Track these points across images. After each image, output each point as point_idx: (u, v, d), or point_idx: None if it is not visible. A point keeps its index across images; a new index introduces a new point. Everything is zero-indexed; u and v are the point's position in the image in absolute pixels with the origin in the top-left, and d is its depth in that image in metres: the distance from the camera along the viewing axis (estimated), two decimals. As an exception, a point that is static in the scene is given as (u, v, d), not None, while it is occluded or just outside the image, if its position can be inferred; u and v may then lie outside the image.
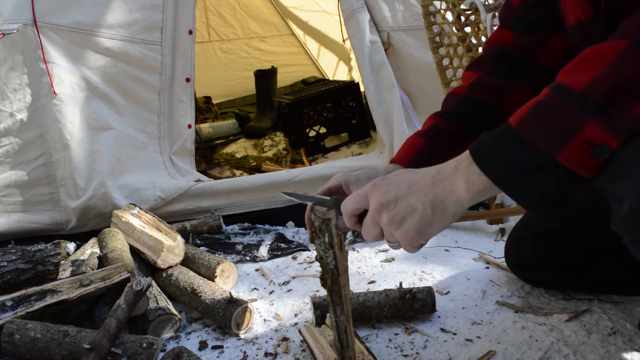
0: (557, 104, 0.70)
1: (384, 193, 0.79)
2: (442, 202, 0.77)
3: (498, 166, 0.73)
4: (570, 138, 0.68)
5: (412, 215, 0.77)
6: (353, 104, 2.92)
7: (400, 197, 0.78)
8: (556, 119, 0.69)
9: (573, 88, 0.69)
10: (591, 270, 1.28)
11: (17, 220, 1.91)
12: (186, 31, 2.17)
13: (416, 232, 0.78)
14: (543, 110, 0.71)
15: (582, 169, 0.69)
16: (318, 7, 4.08)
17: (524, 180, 0.71)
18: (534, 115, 0.72)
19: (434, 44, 1.98)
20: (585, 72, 0.69)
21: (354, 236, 1.88)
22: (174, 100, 2.18)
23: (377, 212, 0.79)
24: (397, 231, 0.78)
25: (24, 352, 1.16)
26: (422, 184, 0.78)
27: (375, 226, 0.81)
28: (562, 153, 0.68)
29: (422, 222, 0.77)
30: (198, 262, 1.57)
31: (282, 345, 1.26)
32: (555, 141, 0.69)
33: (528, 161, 0.70)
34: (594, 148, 0.67)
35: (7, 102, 1.92)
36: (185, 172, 2.16)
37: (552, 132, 0.69)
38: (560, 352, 1.13)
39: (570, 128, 0.68)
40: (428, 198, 0.77)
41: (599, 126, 0.67)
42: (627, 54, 0.67)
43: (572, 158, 0.68)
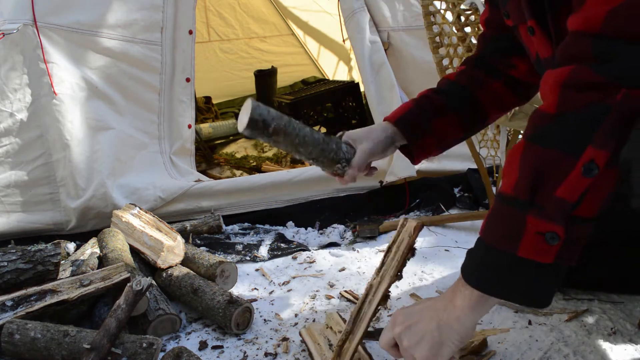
0: (501, 210, 0.82)
1: (402, 321, 0.91)
2: (446, 323, 0.87)
3: (480, 275, 0.83)
4: (521, 235, 0.78)
5: (423, 341, 0.87)
6: (353, 104, 2.92)
7: (411, 325, 0.90)
8: (504, 222, 0.81)
9: (506, 193, 0.81)
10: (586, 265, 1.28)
11: (17, 220, 1.91)
12: (186, 31, 2.17)
13: (429, 352, 0.87)
14: (494, 217, 0.84)
15: (542, 257, 0.78)
16: (318, 7, 4.08)
17: (503, 281, 0.81)
18: (490, 223, 0.84)
19: (434, 44, 1.98)
20: (510, 176, 0.81)
21: (354, 236, 1.88)
22: (174, 100, 2.18)
23: (399, 339, 0.91)
24: (416, 353, 0.88)
25: (24, 352, 1.16)
26: (430, 312, 0.89)
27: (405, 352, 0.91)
28: (520, 249, 0.78)
29: (432, 342, 0.87)
30: (198, 262, 1.57)
31: (282, 345, 1.26)
32: (511, 240, 0.79)
33: (498, 263, 0.81)
34: (545, 236, 0.77)
35: (7, 102, 1.92)
36: (185, 172, 2.16)
37: (507, 234, 0.80)
38: (560, 352, 1.13)
39: (517, 227, 0.79)
40: (434, 322, 0.87)
41: (537, 218, 0.77)
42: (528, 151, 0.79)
43: (531, 250, 0.78)
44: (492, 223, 0.84)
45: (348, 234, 1.91)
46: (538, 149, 0.78)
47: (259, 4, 4.29)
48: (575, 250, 0.79)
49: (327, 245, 1.85)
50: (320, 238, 1.89)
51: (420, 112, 1.22)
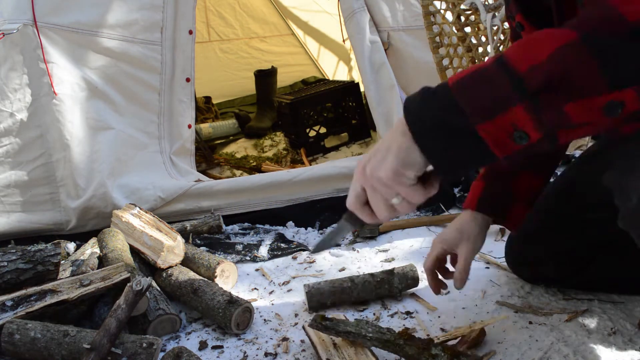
0: (495, 77, 0.69)
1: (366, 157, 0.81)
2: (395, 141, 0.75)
3: (420, 117, 0.73)
4: (497, 114, 0.68)
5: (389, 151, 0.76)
6: (353, 104, 2.92)
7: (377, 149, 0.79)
8: (489, 91, 0.69)
9: (514, 67, 0.68)
10: (590, 265, 1.28)
11: (17, 220, 1.91)
12: (186, 31, 2.17)
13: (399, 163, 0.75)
14: (481, 77, 0.71)
15: (497, 147, 0.69)
16: (318, 7, 4.08)
17: (438, 138, 0.71)
18: (471, 80, 0.71)
19: (434, 44, 1.98)
20: (530, 54, 0.68)
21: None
22: (174, 100, 2.18)
23: (363, 173, 0.80)
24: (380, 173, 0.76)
25: (24, 352, 1.16)
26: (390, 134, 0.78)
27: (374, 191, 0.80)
28: (484, 125, 0.68)
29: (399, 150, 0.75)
30: (198, 262, 1.57)
31: (282, 345, 1.26)
32: (482, 111, 0.69)
33: (449, 122, 0.70)
34: (515, 132, 0.68)
35: (7, 102, 1.92)
36: (185, 172, 2.16)
37: (481, 102, 0.69)
38: (560, 352, 1.13)
39: (500, 105, 0.68)
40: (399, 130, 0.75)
41: (526, 113, 0.67)
42: (572, 46, 0.65)
43: (492, 133, 0.69)
44: (474, 80, 0.71)
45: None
46: (584, 51, 0.64)
47: (259, 4, 4.28)
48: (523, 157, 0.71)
49: (327, 245, 1.84)
50: (320, 238, 1.89)
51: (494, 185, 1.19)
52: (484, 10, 1.81)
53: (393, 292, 1.41)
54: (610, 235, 1.23)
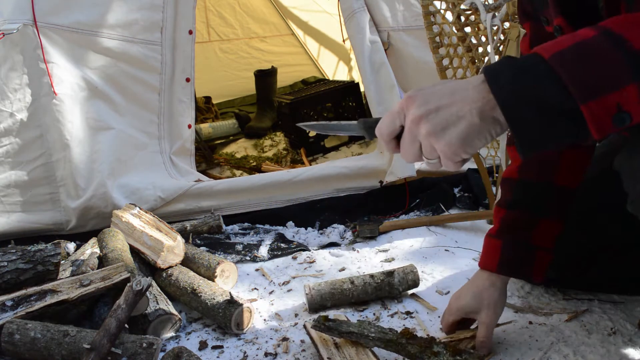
0: (605, 52, 0.63)
1: (422, 103, 0.71)
2: (492, 110, 0.68)
3: (511, 91, 0.66)
4: (605, 92, 0.62)
5: (457, 124, 0.69)
6: (353, 104, 2.92)
7: (442, 106, 0.70)
8: (599, 67, 0.62)
9: (630, 43, 0.62)
10: (591, 267, 1.28)
11: (17, 220, 1.91)
12: (186, 31, 2.17)
13: (461, 142, 0.69)
14: (587, 52, 0.64)
15: (597, 129, 0.64)
16: (318, 7, 4.08)
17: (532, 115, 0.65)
18: (575, 54, 0.64)
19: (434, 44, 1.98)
20: None
21: (354, 236, 1.88)
22: (174, 100, 2.18)
23: (415, 124, 0.71)
24: (438, 142, 0.70)
25: (24, 352, 1.16)
26: (468, 92, 0.69)
27: (414, 142, 0.73)
28: (589, 104, 0.62)
29: (469, 130, 0.69)
30: (198, 262, 1.57)
31: (282, 345, 1.26)
32: (590, 90, 0.62)
33: (548, 99, 0.64)
34: (617, 114, 0.62)
35: (7, 102, 1.91)
36: (185, 172, 2.16)
37: (590, 80, 0.62)
38: (560, 352, 1.13)
39: (611, 82, 0.62)
40: (476, 105, 0.68)
41: (638, 93, 0.61)
42: None
43: (596, 114, 0.63)
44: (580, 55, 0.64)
45: (348, 234, 1.91)
46: None
47: (259, 4, 4.28)
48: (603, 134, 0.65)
49: (327, 245, 1.85)
50: (320, 238, 1.89)
51: (514, 243, 1.11)
52: (484, 10, 1.81)
53: (393, 294, 1.41)
54: (610, 236, 1.23)
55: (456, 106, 0.69)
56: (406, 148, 0.74)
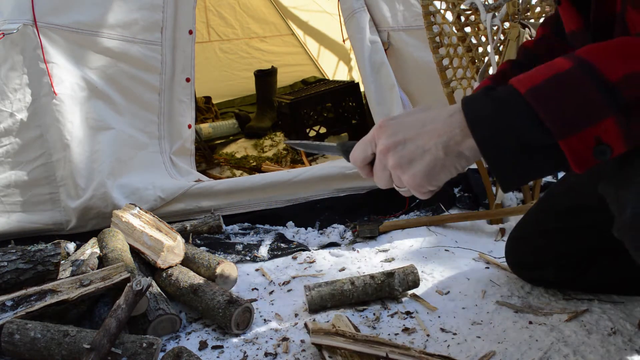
0: (581, 86, 0.62)
1: (392, 134, 0.72)
2: (458, 145, 0.68)
3: (489, 131, 0.66)
4: (583, 127, 0.61)
5: (422, 158, 0.70)
6: (353, 104, 2.92)
7: (409, 139, 0.71)
8: (576, 101, 0.62)
9: (605, 76, 0.61)
10: (591, 268, 1.28)
11: (17, 220, 1.91)
12: (186, 31, 2.17)
13: (425, 176, 0.70)
14: (563, 87, 0.63)
15: (577, 163, 0.64)
16: (318, 7, 4.08)
17: (509, 151, 0.65)
18: (551, 89, 0.64)
19: (434, 44, 1.98)
20: (622, 63, 0.61)
21: (354, 236, 1.88)
22: (174, 100, 2.18)
23: (384, 155, 0.73)
24: (403, 175, 0.72)
25: (24, 352, 1.16)
26: (437, 125, 0.70)
27: (384, 170, 0.75)
28: (568, 140, 0.62)
29: (433, 164, 0.70)
30: (198, 262, 1.57)
31: (282, 345, 1.26)
32: (567, 126, 0.62)
33: (527, 137, 0.64)
34: (597, 146, 0.62)
35: (7, 102, 1.91)
36: (185, 172, 2.16)
37: (566, 115, 0.62)
38: (560, 352, 1.13)
39: (588, 117, 0.61)
40: (442, 139, 0.69)
41: (617, 126, 0.61)
42: None
43: (574, 148, 0.63)
44: (555, 90, 0.63)
45: (348, 234, 1.91)
46: None
47: (259, 4, 4.28)
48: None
49: (327, 245, 1.85)
50: (320, 238, 1.89)
51: None
52: (484, 10, 1.81)
53: (393, 295, 1.41)
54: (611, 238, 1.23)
55: (422, 139, 0.70)
56: (378, 175, 0.77)
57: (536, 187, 2.00)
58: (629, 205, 0.68)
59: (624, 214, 0.70)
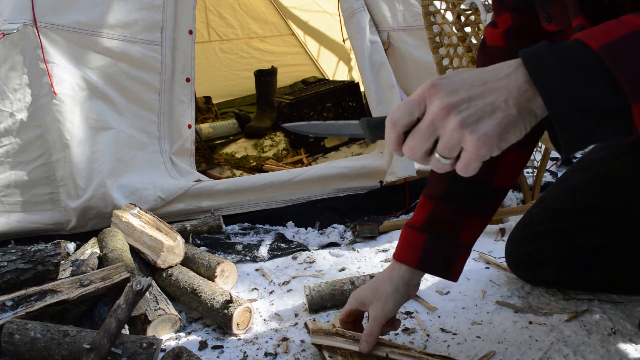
0: None
1: (451, 92, 0.63)
2: (529, 101, 0.62)
3: (556, 89, 0.60)
4: None
5: (493, 116, 0.62)
6: (353, 104, 2.92)
7: (475, 96, 0.63)
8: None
9: None
10: (592, 270, 1.28)
11: (17, 220, 1.91)
12: (186, 31, 2.17)
13: (497, 135, 0.62)
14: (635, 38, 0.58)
15: None
16: (318, 7, 4.08)
17: (580, 113, 0.60)
18: (628, 47, 0.58)
19: (434, 44, 1.98)
20: None
21: (354, 236, 1.88)
22: (174, 100, 2.18)
23: (442, 116, 0.63)
24: (472, 135, 0.62)
25: (24, 352, 1.16)
26: (502, 80, 0.63)
27: (431, 136, 0.65)
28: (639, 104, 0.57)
29: (505, 123, 0.62)
30: (198, 262, 1.57)
31: (282, 345, 1.26)
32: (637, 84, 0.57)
33: (598, 97, 0.59)
34: None
35: (7, 102, 1.92)
36: (185, 172, 2.16)
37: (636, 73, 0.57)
38: (560, 352, 1.13)
39: None
40: (512, 95, 0.62)
41: None
42: None
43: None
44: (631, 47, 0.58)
45: (348, 234, 1.91)
46: None
47: (259, 4, 4.29)
48: None
49: (327, 245, 1.85)
50: (320, 238, 1.89)
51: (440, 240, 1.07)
52: (484, 10, 1.81)
53: None
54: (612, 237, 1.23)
55: (491, 96, 0.62)
56: (418, 143, 0.65)
57: (536, 187, 2.00)
58: None
59: None
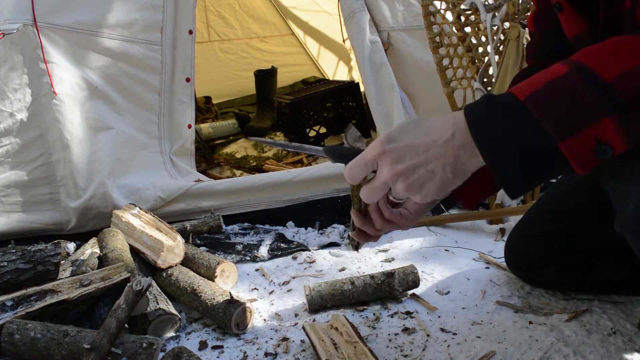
0: (577, 88, 0.64)
1: (398, 160, 0.74)
2: (463, 165, 0.72)
3: (492, 140, 0.68)
4: (581, 128, 0.63)
5: (432, 180, 0.74)
6: (353, 104, 2.92)
7: (418, 164, 0.73)
8: (573, 104, 0.64)
9: (600, 76, 0.63)
10: (592, 271, 1.28)
11: (17, 220, 1.91)
12: (186, 31, 2.17)
13: (436, 193, 0.75)
14: (559, 91, 0.65)
15: (579, 165, 0.65)
16: (318, 7, 4.09)
17: (512, 157, 0.67)
18: (549, 93, 0.65)
19: (434, 44, 1.98)
20: (616, 62, 0.63)
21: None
22: (174, 100, 2.18)
23: (393, 180, 0.75)
24: (415, 196, 0.76)
25: (24, 352, 1.16)
26: (441, 148, 0.72)
27: (383, 191, 0.78)
28: (567, 142, 0.64)
29: (443, 184, 0.74)
30: (198, 262, 1.57)
31: (282, 345, 1.26)
32: (565, 128, 0.63)
33: (527, 141, 0.66)
34: (598, 146, 0.63)
35: (7, 102, 1.92)
36: (185, 172, 2.16)
37: (565, 118, 0.63)
38: (560, 352, 1.13)
39: (586, 118, 0.63)
40: (448, 161, 0.72)
41: (615, 125, 0.62)
42: None
43: (575, 150, 0.64)
44: (553, 94, 0.65)
45: (348, 233, 1.91)
46: None
47: (259, 4, 4.29)
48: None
49: (327, 245, 1.85)
50: (320, 238, 1.89)
51: None
52: (484, 10, 1.81)
53: (393, 295, 1.41)
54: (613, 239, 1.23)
55: (431, 164, 0.73)
56: (373, 194, 0.79)
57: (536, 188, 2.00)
58: (632, 200, 0.68)
59: (626, 209, 0.70)
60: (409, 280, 1.42)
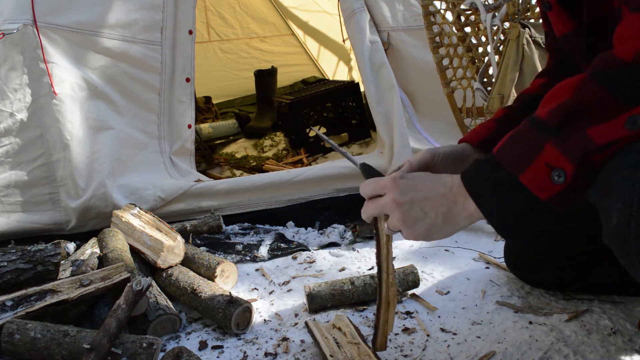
0: (525, 131, 0.79)
1: (402, 193, 0.87)
2: (454, 216, 0.85)
3: (477, 185, 0.82)
4: (532, 160, 0.75)
5: (424, 220, 0.86)
6: (353, 104, 2.92)
7: (415, 201, 0.86)
8: (523, 143, 0.78)
9: (539, 116, 0.77)
10: (591, 271, 1.28)
11: (17, 220, 1.91)
12: (186, 31, 2.17)
13: (424, 234, 0.87)
14: (515, 137, 0.80)
15: (540, 191, 0.75)
16: (318, 7, 4.09)
17: (495, 198, 0.80)
18: (508, 142, 0.81)
19: (434, 44, 1.98)
20: (551, 103, 0.77)
21: (354, 236, 1.88)
22: (174, 101, 2.18)
23: (393, 207, 0.88)
24: (405, 230, 0.87)
25: (24, 352, 1.16)
26: (439, 194, 0.85)
27: (382, 212, 0.91)
28: (524, 174, 0.76)
29: (432, 227, 0.86)
30: (198, 262, 1.57)
31: (282, 345, 1.26)
32: (520, 163, 0.76)
33: (499, 181, 0.79)
34: (552, 172, 0.74)
35: (7, 102, 1.92)
36: (185, 172, 2.16)
37: (518, 156, 0.77)
38: (560, 352, 1.13)
39: (532, 151, 0.75)
40: (442, 209, 0.85)
41: (555, 148, 0.73)
42: (583, 83, 0.73)
43: (533, 179, 0.75)
44: (511, 141, 0.81)
45: (348, 234, 1.91)
46: (593, 84, 0.72)
47: (259, 4, 4.29)
48: (570, 198, 0.76)
49: (327, 245, 1.85)
50: (320, 238, 1.89)
51: (502, 134, 1.16)
52: (484, 10, 1.81)
53: None
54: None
55: (427, 206, 0.86)
56: (372, 211, 0.93)
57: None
58: (614, 214, 0.72)
59: (610, 223, 0.74)
60: (409, 280, 1.42)
